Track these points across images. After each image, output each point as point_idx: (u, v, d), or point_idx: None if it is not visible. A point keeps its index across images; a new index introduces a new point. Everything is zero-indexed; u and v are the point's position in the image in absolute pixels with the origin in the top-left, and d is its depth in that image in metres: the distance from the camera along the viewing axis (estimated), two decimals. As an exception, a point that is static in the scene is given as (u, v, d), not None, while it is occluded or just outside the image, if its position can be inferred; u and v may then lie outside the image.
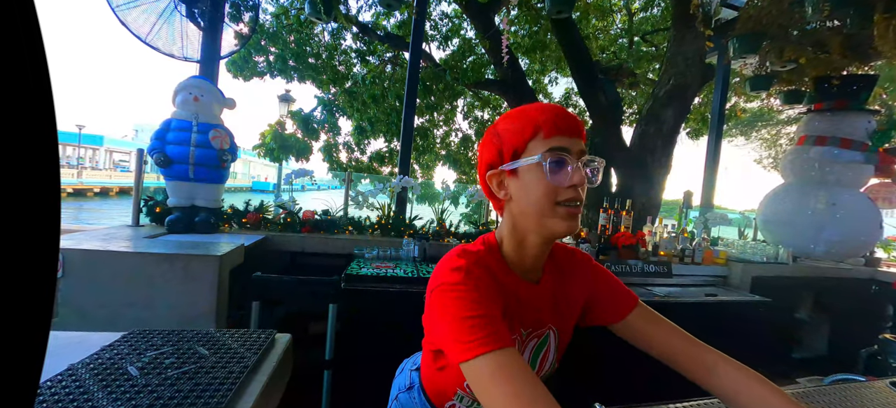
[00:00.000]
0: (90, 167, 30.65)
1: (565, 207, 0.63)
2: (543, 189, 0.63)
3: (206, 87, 2.44)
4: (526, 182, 0.64)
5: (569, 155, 0.63)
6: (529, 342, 0.71)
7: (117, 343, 0.81)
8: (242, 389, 0.69)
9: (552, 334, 0.74)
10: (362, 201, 2.90)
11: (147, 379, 0.68)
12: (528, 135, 0.63)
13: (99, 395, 0.63)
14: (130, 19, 2.25)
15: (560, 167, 0.62)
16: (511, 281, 0.68)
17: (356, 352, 1.98)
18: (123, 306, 1.73)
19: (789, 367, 2.90)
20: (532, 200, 0.64)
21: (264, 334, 0.89)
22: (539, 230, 0.66)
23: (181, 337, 0.85)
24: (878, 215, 3.12)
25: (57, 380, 0.67)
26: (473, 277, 0.60)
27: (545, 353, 0.73)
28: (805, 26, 2.75)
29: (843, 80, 3.12)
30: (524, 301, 0.69)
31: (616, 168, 3.99)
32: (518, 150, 0.64)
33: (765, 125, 10.19)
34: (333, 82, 4.94)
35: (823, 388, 1.19)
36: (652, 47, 5.58)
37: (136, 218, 2.45)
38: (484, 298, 0.58)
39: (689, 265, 2.86)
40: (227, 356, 0.78)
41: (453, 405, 0.74)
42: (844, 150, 3.12)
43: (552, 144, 0.62)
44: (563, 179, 0.62)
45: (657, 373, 1.84)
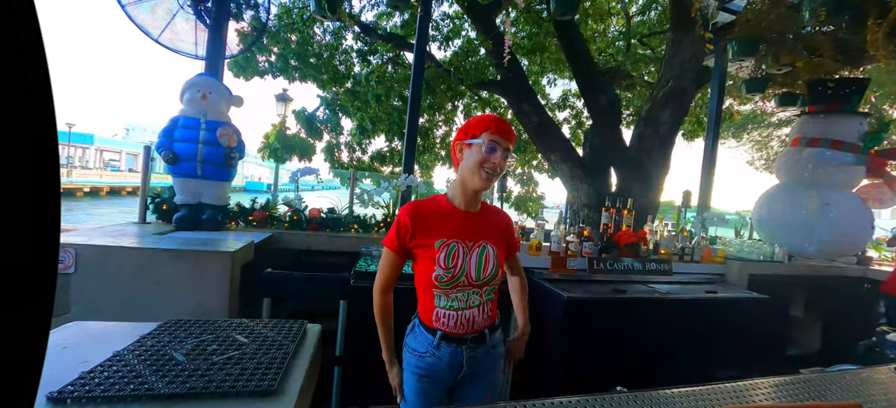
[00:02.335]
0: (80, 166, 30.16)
1: (485, 172, 1.11)
2: (479, 158, 1.10)
3: (214, 85, 2.45)
4: (473, 151, 1.11)
5: (498, 146, 1.10)
6: (475, 249, 1.16)
7: (156, 332, 0.83)
8: (288, 373, 0.71)
9: (489, 248, 1.18)
10: (367, 200, 2.93)
11: (195, 364, 0.70)
12: (481, 129, 1.11)
13: (152, 378, 0.65)
14: (140, 17, 2.25)
15: (491, 151, 1.09)
16: (454, 211, 1.18)
17: (366, 348, 2.00)
18: (135, 301, 1.74)
19: (786, 362, 2.97)
20: (471, 162, 1.11)
21: (297, 324, 0.92)
22: (468, 181, 1.14)
23: (218, 326, 0.87)
24: (870, 216, 3.21)
25: (106, 364, 0.69)
26: (400, 214, 1.15)
27: (485, 258, 1.17)
28: (801, 30, 2.83)
29: (836, 84, 3.21)
30: (464, 221, 1.18)
31: (616, 168, 4.05)
32: (475, 134, 1.11)
33: (756, 128, 10.38)
34: (334, 82, 4.94)
35: (827, 375, 1.24)
36: (648, 50, 5.67)
37: (143, 215, 2.44)
38: (397, 226, 1.15)
39: (688, 263, 2.92)
40: (265, 344, 0.81)
41: (435, 309, 1.16)
42: (836, 151, 3.21)
43: (492, 137, 1.09)
44: (490, 157, 1.10)
45: (676, 359, 1.90)
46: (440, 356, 1.17)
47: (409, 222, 1.14)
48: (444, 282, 1.13)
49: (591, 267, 2.62)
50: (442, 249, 1.12)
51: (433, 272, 1.12)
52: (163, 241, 1.93)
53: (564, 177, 4.33)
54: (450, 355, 1.17)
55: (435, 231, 1.15)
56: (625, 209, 2.96)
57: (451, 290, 1.14)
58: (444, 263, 1.12)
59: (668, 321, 2.28)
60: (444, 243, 1.13)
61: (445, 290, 1.14)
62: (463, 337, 1.17)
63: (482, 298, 1.18)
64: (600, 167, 4.16)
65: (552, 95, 6.96)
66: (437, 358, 1.17)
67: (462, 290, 1.15)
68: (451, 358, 1.17)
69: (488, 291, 1.19)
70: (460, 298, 1.15)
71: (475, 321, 1.17)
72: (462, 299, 1.15)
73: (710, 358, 2.38)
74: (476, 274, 1.15)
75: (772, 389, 1.06)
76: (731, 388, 1.03)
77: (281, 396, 0.65)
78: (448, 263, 1.12)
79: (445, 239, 1.14)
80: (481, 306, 1.18)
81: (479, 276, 1.15)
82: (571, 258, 2.63)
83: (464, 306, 1.16)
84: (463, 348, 1.17)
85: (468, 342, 1.18)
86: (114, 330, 0.88)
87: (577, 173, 4.17)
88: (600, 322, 2.18)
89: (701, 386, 1.02)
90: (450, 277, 1.12)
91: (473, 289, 1.16)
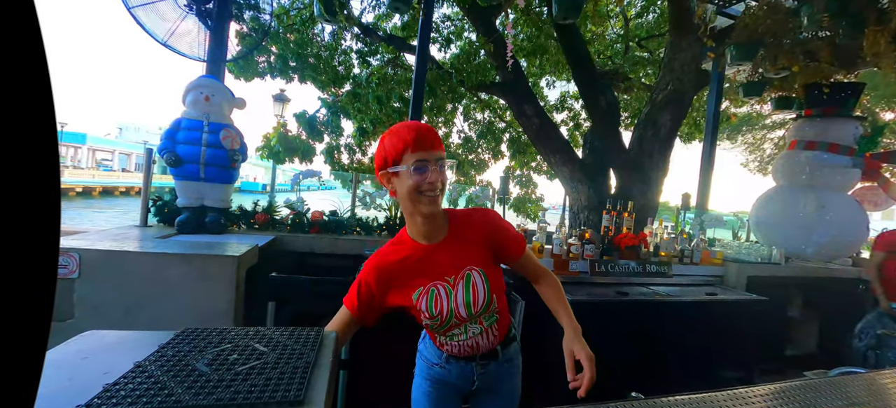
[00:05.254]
0: (72, 166, 29.78)
1: (427, 196, 0.94)
2: (412, 185, 0.92)
3: (217, 87, 2.43)
4: (402, 179, 0.94)
5: (428, 163, 0.92)
6: (458, 283, 1.01)
7: (175, 341, 0.83)
8: (311, 383, 0.71)
9: (475, 274, 1.02)
10: (369, 202, 2.92)
11: (219, 374, 0.70)
12: (400, 149, 0.92)
13: (178, 390, 0.65)
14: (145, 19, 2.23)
15: (421, 172, 0.92)
16: (419, 247, 1.02)
17: (371, 352, 2.00)
18: (141, 306, 1.72)
19: (786, 363, 3.01)
20: (404, 192, 0.94)
21: (314, 332, 0.92)
22: (413, 212, 0.97)
23: (235, 334, 0.87)
24: (866, 218, 3.26)
25: (130, 376, 0.69)
26: (363, 275, 1.03)
27: (473, 287, 1.02)
28: (798, 35, 2.87)
29: (833, 88, 3.26)
30: (433, 256, 1.01)
31: (615, 170, 4.08)
32: (396, 159, 0.93)
33: (750, 130, 10.50)
34: (334, 83, 4.93)
35: (831, 380, 1.26)
36: (646, 53, 5.71)
37: (144, 218, 2.42)
38: (359, 288, 1.02)
39: (687, 265, 2.95)
40: (285, 353, 0.81)
41: (437, 338, 1.10)
42: (833, 154, 3.26)
43: (417, 157, 0.91)
44: (423, 179, 0.92)
45: (680, 361, 1.91)
46: (449, 370, 1.13)
47: (375, 285, 1.01)
48: (435, 328, 1.06)
49: (593, 269, 2.63)
50: (422, 298, 1.00)
51: (422, 321, 1.05)
52: (167, 245, 1.91)
53: (565, 179, 4.36)
54: (459, 370, 1.12)
55: (407, 282, 1.01)
56: (625, 212, 2.99)
57: (446, 330, 1.06)
58: (427, 311, 1.00)
59: (671, 324, 2.31)
60: (423, 292, 1.00)
61: (441, 331, 1.06)
62: (472, 355, 1.10)
63: (483, 325, 1.06)
64: (600, 169, 4.19)
65: (550, 97, 6.99)
66: (447, 371, 1.13)
67: (458, 327, 1.05)
68: (461, 372, 1.12)
69: (488, 318, 1.06)
70: (458, 332, 1.06)
71: (480, 346, 1.08)
72: (461, 334, 1.06)
73: (713, 360, 2.40)
74: (466, 311, 1.01)
75: (782, 394, 1.08)
76: (744, 392, 1.04)
77: (308, 407, 0.65)
78: (433, 311, 1.00)
79: (422, 287, 1.00)
80: (485, 333, 1.07)
81: (470, 312, 1.02)
82: (573, 261, 2.65)
83: (465, 337, 1.06)
84: (472, 365, 1.11)
85: (477, 360, 1.11)
86: (131, 339, 0.87)
87: (577, 175, 4.20)
88: (604, 325, 2.20)
89: (714, 392, 1.04)
90: (439, 323, 1.03)
91: (470, 323, 1.05)
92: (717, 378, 2.37)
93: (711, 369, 2.40)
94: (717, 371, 2.41)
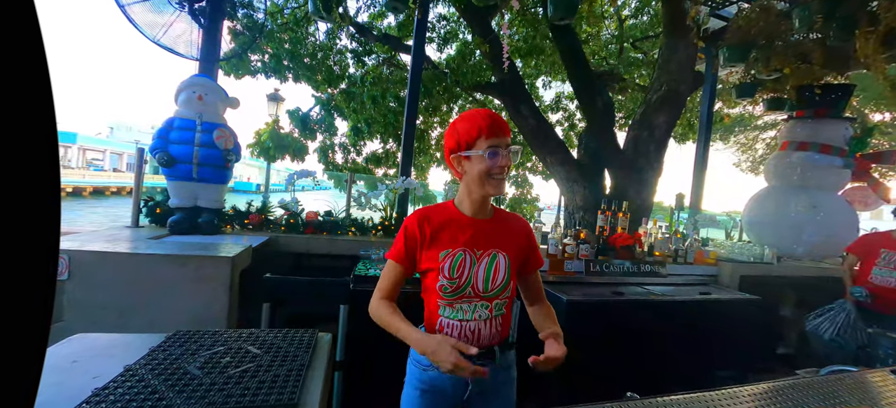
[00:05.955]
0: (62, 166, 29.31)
1: (496, 179, 1.05)
2: (484, 168, 1.03)
3: (210, 86, 2.41)
4: (474, 163, 1.04)
5: (499, 148, 1.02)
6: (484, 258, 1.09)
7: (166, 344, 0.82)
8: (306, 385, 0.71)
9: (500, 257, 1.10)
10: (364, 203, 2.91)
11: (211, 377, 0.69)
12: (474, 135, 1.02)
13: (169, 394, 0.64)
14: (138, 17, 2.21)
15: (494, 157, 1.02)
16: (462, 218, 1.11)
17: (366, 353, 1.99)
18: (133, 308, 1.70)
19: (778, 361, 3.04)
20: (475, 174, 1.04)
21: (308, 333, 0.91)
22: (480, 191, 1.07)
23: (228, 337, 0.86)
24: (856, 217, 3.31)
25: (119, 380, 0.68)
26: (409, 223, 1.09)
27: (496, 267, 1.09)
28: (790, 38, 2.90)
29: (823, 89, 3.30)
30: (472, 229, 1.10)
31: (610, 171, 4.09)
32: (469, 144, 1.03)
33: (742, 131, 10.62)
34: (328, 82, 4.91)
35: (823, 379, 1.28)
36: (640, 54, 5.75)
37: (136, 219, 2.39)
38: (405, 236, 1.08)
39: (681, 265, 2.97)
40: (279, 355, 0.80)
41: (439, 317, 1.10)
42: (825, 155, 3.30)
43: (490, 143, 1.02)
44: (494, 163, 1.02)
45: (674, 359, 1.90)
46: None
47: (419, 232, 1.08)
48: (447, 292, 1.08)
49: (588, 269, 2.64)
50: (447, 259, 1.06)
51: (437, 282, 1.08)
52: (160, 246, 1.89)
53: (560, 179, 4.37)
54: None
55: (442, 239, 1.09)
56: (620, 212, 3.00)
57: (455, 300, 1.08)
58: (448, 272, 1.05)
59: (666, 323, 2.32)
60: (450, 253, 1.07)
61: (450, 300, 1.08)
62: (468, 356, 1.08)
63: (491, 311, 1.10)
64: (595, 170, 4.21)
65: (546, 98, 7.02)
66: (442, 374, 1.08)
67: (468, 301, 1.08)
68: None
69: (498, 305, 1.11)
70: (466, 309, 1.08)
71: (481, 334, 1.09)
72: (468, 311, 1.08)
73: (707, 358, 2.42)
74: (483, 285, 1.08)
75: (775, 392, 1.08)
76: (736, 392, 1.05)
77: (302, 410, 0.64)
78: (453, 274, 1.06)
79: (451, 249, 1.07)
80: (489, 321, 1.10)
81: (486, 287, 1.08)
82: (569, 261, 2.66)
83: (469, 317, 1.08)
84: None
85: (474, 361, 1.06)
86: (121, 342, 0.86)
87: (572, 176, 4.21)
88: (600, 324, 2.21)
89: (708, 392, 1.04)
90: (454, 287, 1.06)
91: (481, 301, 1.09)
92: (711, 377, 2.39)
93: (705, 367, 2.41)
94: (710, 370, 2.42)
